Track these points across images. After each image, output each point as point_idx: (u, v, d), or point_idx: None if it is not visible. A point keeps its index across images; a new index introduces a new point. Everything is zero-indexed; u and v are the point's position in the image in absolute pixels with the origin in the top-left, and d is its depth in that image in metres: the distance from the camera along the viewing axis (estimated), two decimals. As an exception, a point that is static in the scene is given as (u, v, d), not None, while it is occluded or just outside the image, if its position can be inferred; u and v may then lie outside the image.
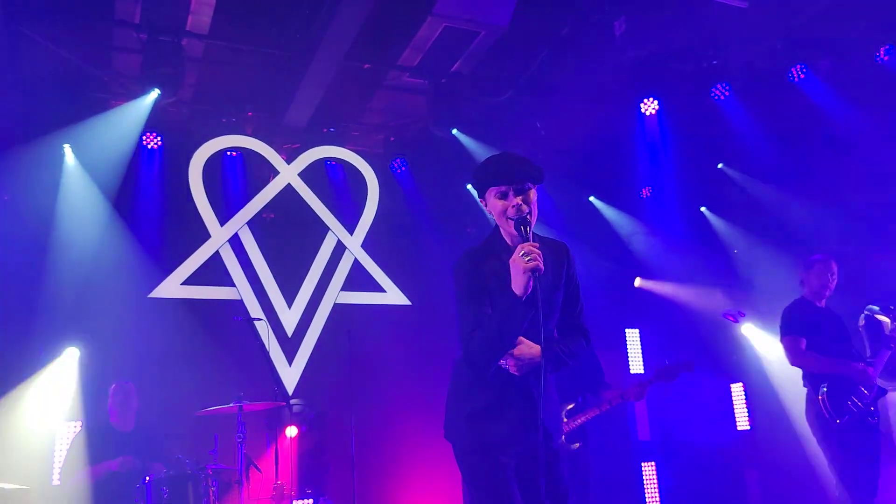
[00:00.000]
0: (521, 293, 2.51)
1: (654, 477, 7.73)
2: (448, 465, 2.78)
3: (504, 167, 2.72)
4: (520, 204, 2.66)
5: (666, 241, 7.83)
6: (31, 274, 6.14)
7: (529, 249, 2.50)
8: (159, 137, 6.69)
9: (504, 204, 2.69)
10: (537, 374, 2.60)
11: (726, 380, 7.63)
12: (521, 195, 2.68)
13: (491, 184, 2.73)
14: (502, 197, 2.70)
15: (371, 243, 7.52)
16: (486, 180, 2.74)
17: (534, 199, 2.72)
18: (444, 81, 6.91)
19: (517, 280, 2.51)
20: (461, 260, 2.75)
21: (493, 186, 2.72)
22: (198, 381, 6.04)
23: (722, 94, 6.63)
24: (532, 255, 2.48)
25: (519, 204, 2.66)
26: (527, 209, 2.66)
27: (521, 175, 2.69)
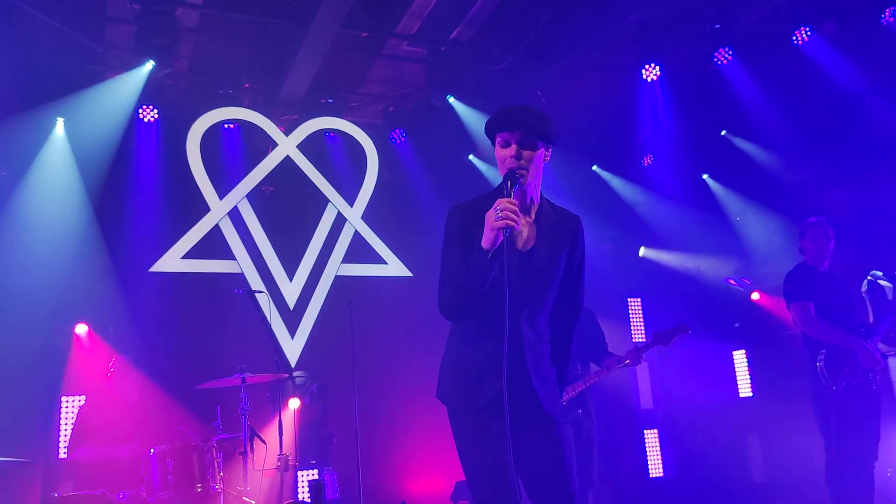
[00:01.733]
0: (486, 246, 2.44)
1: (656, 445, 7.78)
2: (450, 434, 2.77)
3: (514, 115, 2.59)
4: (518, 155, 2.55)
5: (669, 210, 7.78)
6: (31, 250, 6.11)
7: (504, 206, 2.40)
8: (156, 110, 6.61)
9: (504, 153, 2.59)
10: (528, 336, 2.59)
11: (729, 347, 7.64)
12: (524, 149, 2.56)
13: (497, 129, 2.62)
14: (504, 145, 2.60)
15: (371, 215, 7.48)
16: (494, 125, 2.63)
17: (536, 157, 2.58)
18: (443, 49, 6.82)
19: (486, 234, 2.44)
20: (455, 208, 2.69)
21: (497, 133, 2.62)
22: (200, 354, 6.06)
23: (724, 58, 6.53)
24: (505, 213, 2.39)
25: (516, 155, 2.55)
26: (523, 164, 2.55)
27: (526, 124, 2.56)
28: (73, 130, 6.46)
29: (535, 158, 2.58)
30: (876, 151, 6.27)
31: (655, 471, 7.68)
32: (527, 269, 2.58)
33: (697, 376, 7.72)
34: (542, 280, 2.62)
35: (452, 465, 6.79)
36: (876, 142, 6.23)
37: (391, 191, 7.63)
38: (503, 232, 2.40)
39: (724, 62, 6.54)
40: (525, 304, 2.58)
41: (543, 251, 2.62)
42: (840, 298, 4.78)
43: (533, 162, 2.57)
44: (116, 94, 6.25)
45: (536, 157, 2.58)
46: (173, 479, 4.57)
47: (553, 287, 2.68)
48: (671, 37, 6.59)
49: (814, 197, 6.60)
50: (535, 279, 2.60)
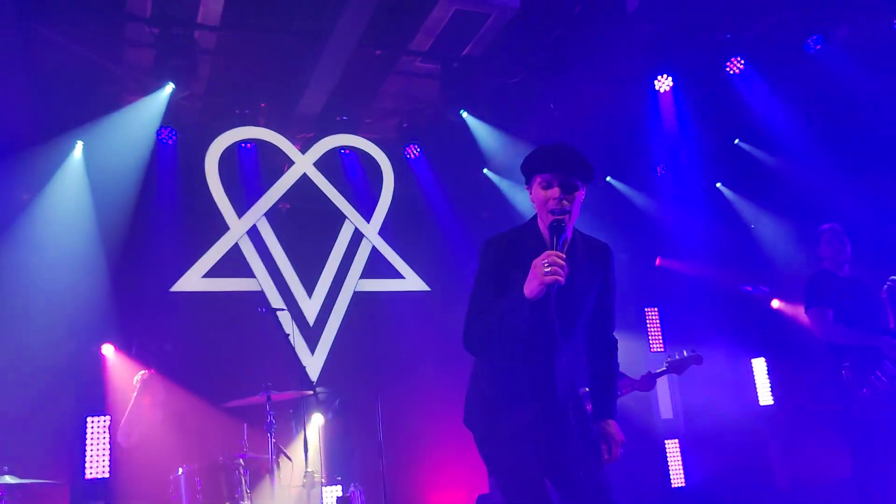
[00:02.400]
0: (530, 297, 2.41)
1: (678, 455, 7.75)
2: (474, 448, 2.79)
3: (555, 156, 2.58)
4: (562, 198, 2.53)
5: (684, 219, 7.79)
6: (54, 272, 6.18)
7: (554, 260, 2.37)
8: (174, 132, 6.69)
9: (546, 195, 2.57)
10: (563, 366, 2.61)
11: (748, 355, 7.62)
12: (567, 192, 2.55)
13: (538, 170, 2.60)
14: (547, 187, 2.57)
15: (388, 230, 7.53)
16: (535, 166, 2.62)
17: (579, 200, 2.58)
18: (455, 65, 6.89)
19: (531, 285, 2.40)
20: (490, 241, 2.68)
21: (539, 174, 2.60)
22: (223, 373, 6.10)
23: (737, 67, 6.57)
24: (554, 269, 2.36)
25: (561, 197, 2.53)
26: (568, 206, 2.53)
27: (570, 167, 2.56)
28: (93, 153, 6.55)
29: (579, 201, 2.59)
30: (890, 157, 6.27)
31: (677, 481, 7.66)
32: (562, 301, 2.55)
33: (717, 385, 7.69)
34: (575, 311, 2.64)
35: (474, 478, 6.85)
36: (890, 147, 6.24)
37: (407, 206, 7.68)
38: (551, 287, 2.38)
39: (736, 71, 6.57)
40: (562, 333, 2.58)
41: (577, 285, 2.61)
42: (861, 303, 4.78)
43: (574, 204, 2.57)
44: (137, 117, 6.33)
45: (579, 200, 2.59)
46: (202, 497, 4.62)
47: (586, 315, 2.71)
48: (683, 47, 6.62)
49: (828, 203, 6.61)
50: (569, 310, 2.61)
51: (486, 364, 2.69)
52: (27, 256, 6.13)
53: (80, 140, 6.49)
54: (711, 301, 7.66)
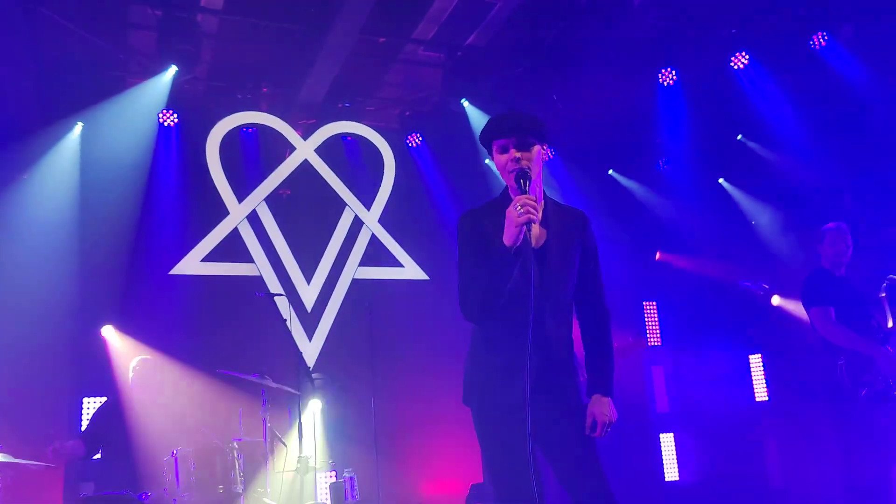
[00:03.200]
0: (510, 243, 2.50)
1: (672, 448, 7.77)
2: (469, 435, 2.81)
3: (504, 120, 2.71)
4: (518, 157, 2.65)
5: (685, 214, 7.79)
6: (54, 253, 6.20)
7: (525, 201, 2.48)
8: (176, 115, 6.68)
9: (505, 158, 2.69)
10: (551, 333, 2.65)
11: (744, 351, 7.63)
12: (522, 150, 2.66)
13: (493, 137, 2.73)
14: (503, 151, 2.70)
15: (388, 218, 7.53)
16: (489, 134, 2.74)
17: (536, 156, 2.69)
18: (459, 54, 6.86)
19: (508, 231, 2.50)
20: (463, 217, 2.78)
21: (495, 140, 2.73)
22: (221, 356, 6.11)
23: (741, 63, 6.54)
24: (526, 209, 2.46)
25: (518, 157, 2.65)
26: (526, 164, 2.64)
27: (519, 127, 2.67)
28: (95, 135, 6.54)
29: (536, 157, 2.69)
30: (893, 155, 6.25)
31: (671, 474, 7.68)
32: (544, 266, 2.64)
33: (713, 380, 7.71)
34: (560, 275, 2.69)
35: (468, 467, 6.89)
36: (893, 145, 6.22)
37: (408, 194, 7.67)
38: (526, 227, 2.47)
39: (740, 66, 6.54)
40: (546, 300, 2.63)
41: (556, 247, 2.69)
42: (857, 304, 4.78)
43: (534, 161, 2.67)
44: (139, 99, 6.32)
45: (536, 156, 2.69)
46: (195, 480, 4.63)
47: (570, 281, 2.73)
48: (688, 41, 6.60)
49: (830, 201, 6.59)
50: (552, 275, 2.66)
51: (479, 341, 2.74)
52: (26, 237, 6.14)
53: (81, 122, 6.47)
54: (710, 296, 7.67)
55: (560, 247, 2.70)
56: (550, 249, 2.67)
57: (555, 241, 2.69)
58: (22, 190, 6.33)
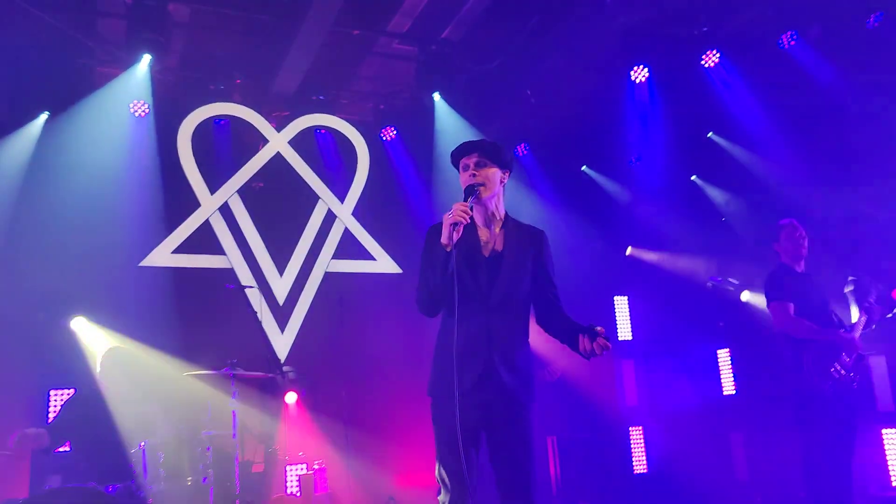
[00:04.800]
0: (444, 242, 2.85)
1: (641, 441, 7.87)
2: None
3: (466, 145, 3.12)
4: (475, 174, 3.02)
5: (656, 210, 7.87)
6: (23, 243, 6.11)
7: (457, 207, 2.85)
8: (147, 105, 6.61)
9: (464, 175, 3.07)
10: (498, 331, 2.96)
11: (713, 346, 7.74)
12: (480, 169, 3.04)
13: (459, 157, 3.12)
14: (465, 169, 3.08)
15: (361, 212, 7.52)
16: (456, 154, 3.14)
17: (492, 177, 3.05)
18: (433, 48, 6.86)
19: (443, 232, 2.86)
20: (431, 228, 3.12)
21: (460, 160, 3.11)
22: (191, 348, 6.07)
23: (712, 61, 6.62)
24: (456, 212, 2.83)
25: (474, 173, 3.02)
26: (479, 179, 3.01)
27: (481, 149, 3.06)
28: (63, 124, 6.45)
29: (491, 176, 3.05)
30: (859, 153, 6.37)
31: (640, 467, 7.78)
32: (495, 271, 3.01)
33: (682, 374, 7.81)
34: (511, 280, 3.03)
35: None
36: (860, 144, 6.33)
37: (381, 188, 7.67)
38: (454, 228, 2.82)
39: (711, 64, 6.62)
40: (495, 302, 2.99)
41: (509, 256, 3.06)
42: (817, 300, 4.86)
43: (489, 178, 3.04)
44: (110, 88, 6.25)
45: (492, 175, 3.06)
46: (164, 472, 4.61)
47: (522, 288, 3.07)
48: (659, 39, 6.66)
49: (799, 198, 6.69)
50: (503, 280, 3.01)
51: (438, 337, 3.07)
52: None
53: (47, 111, 6.37)
54: (681, 291, 7.75)
55: (513, 258, 3.05)
56: (504, 260, 3.04)
57: (509, 252, 3.06)
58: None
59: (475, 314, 2.93)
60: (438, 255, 2.89)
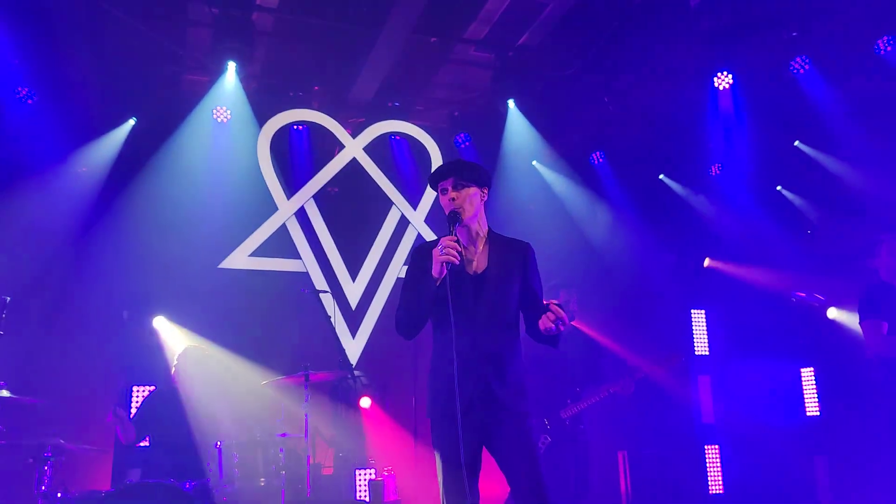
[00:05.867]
0: (436, 276, 2.93)
1: (717, 460, 7.60)
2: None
3: (443, 166, 3.17)
4: (454, 197, 3.05)
5: (738, 221, 7.60)
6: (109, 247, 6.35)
7: (447, 243, 2.88)
8: (229, 111, 6.78)
9: (443, 199, 3.12)
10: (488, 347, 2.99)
11: (796, 364, 7.41)
12: (457, 191, 3.06)
13: (435, 181, 3.16)
14: (443, 193, 3.12)
15: (434, 218, 7.52)
16: (432, 180, 3.19)
17: (472, 197, 3.08)
18: (510, 55, 6.82)
19: (434, 266, 2.92)
20: (415, 249, 3.22)
21: (437, 184, 3.15)
22: (265, 351, 6.18)
23: (801, 67, 6.35)
24: (447, 250, 2.85)
25: (453, 197, 3.06)
26: (458, 202, 3.04)
27: (456, 171, 3.10)
28: (150, 129, 6.69)
29: (470, 196, 3.08)
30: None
31: (715, 487, 7.51)
32: (480, 290, 3.04)
33: (762, 392, 7.51)
34: (497, 297, 3.05)
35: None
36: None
37: (454, 195, 7.64)
38: (446, 265, 2.87)
39: (800, 71, 6.35)
40: (482, 319, 3.01)
41: (495, 273, 3.07)
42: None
43: (468, 199, 3.06)
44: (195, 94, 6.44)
45: (471, 195, 3.08)
46: (238, 472, 4.69)
47: (509, 301, 3.08)
48: (746, 44, 6.43)
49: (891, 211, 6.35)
50: (487, 296, 3.04)
51: (432, 358, 3.11)
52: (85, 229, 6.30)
53: (135, 118, 6.62)
54: (762, 306, 7.46)
55: (499, 274, 3.07)
56: (490, 276, 3.06)
57: (495, 268, 3.07)
58: (78, 182, 6.50)
59: (464, 332, 2.94)
60: (426, 284, 2.95)
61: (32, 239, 6.04)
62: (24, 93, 6.10)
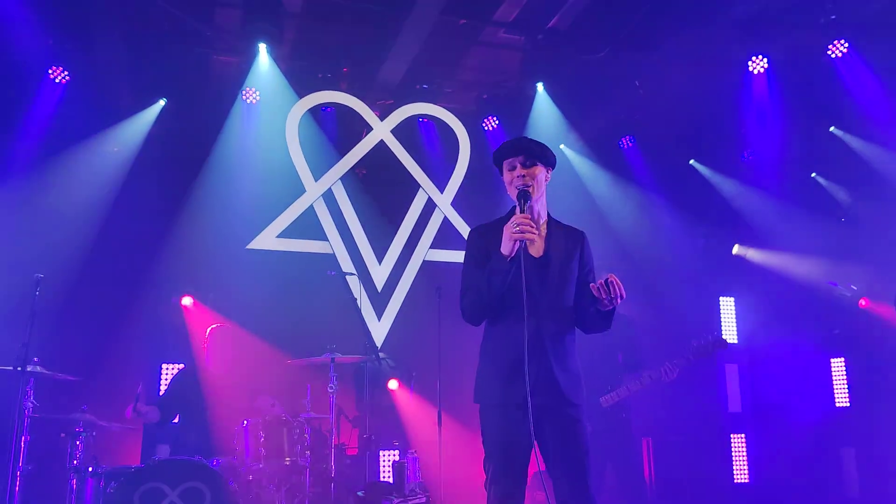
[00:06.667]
0: (506, 254, 2.82)
1: (743, 449, 7.54)
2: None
3: (514, 143, 3.06)
4: (523, 175, 2.96)
5: (769, 207, 7.47)
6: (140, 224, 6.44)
7: (521, 220, 2.79)
8: (258, 92, 6.80)
9: (510, 175, 3.02)
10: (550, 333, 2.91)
11: (826, 354, 7.30)
12: (527, 169, 2.98)
13: (503, 157, 3.05)
14: (511, 169, 3.02)
15: (461, 201, 7.50)
16: (500, 155, 3.07)
17: (539, 177, 2.99)
18: (540, 37, 6.73)
19: (505, 243, 2.83)
20: (474, 229, 3.12)
21: (504, 159, 3.05)
22: (291, 331, 6.24)
23: (839, 51, 6.20)
24: (522, 227, 2.77)
25: (523, 174, 2.96)
26: (529, 182, 2.95)
27: (527, 149, 3.00)
28: (179, 110, 6.74)
29: (538, 176, 3.00)
30: None
31: (741, 476, 7.46)
32: (542, 274, 2.96)
33: (790, 381, 7.43)
34: (558, 282, 2.98)
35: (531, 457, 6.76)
36: None
37: (481, 178, 7.61)
38: (519, 242, 2.79)
39: (838, 55, 6.20)
40: (545, 304, 2.93)
41: (554, 258, 3.00)
42: None
43: (536, 179, 2.99)
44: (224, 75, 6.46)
45: (538, 175, 3.00)
46: (265, 451, 4.76)
47: (569, 288, 3.02)
48: (781, 27, 6.29)
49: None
50: (550, 282, 2.96)
51: (485, 343, 3.03)
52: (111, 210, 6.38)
53: (164, 98, 6.67)
54: (792, 294, 7.36)
55: (559, 260, 3.00)
56: (550, 262, 2.98)
57: (554, 255, 3.00)
58: (110, 162, 6.58)
59: (527, 318, 2.82)
60: (497, 264, 2.84)
61: (65, 218, 6.13)
62: (57, 72, 6.18)
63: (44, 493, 4.96)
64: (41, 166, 6.15)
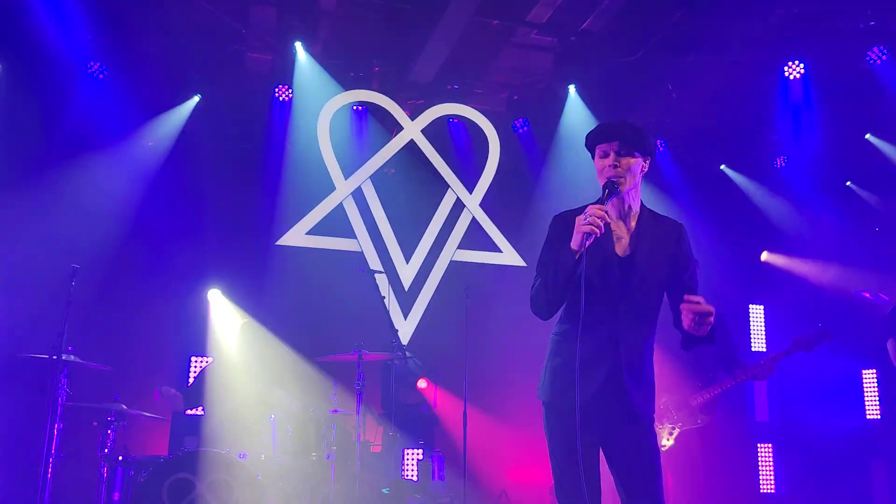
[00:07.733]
0: (574, 248, 2.59)
1: (770, 459, 7.44)
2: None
3: (609, 128, 2.78)
4: (615, 165, 2.70)
5: (802, 214, 7.37)
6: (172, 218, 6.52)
7: (593, 212, 2.55)
8: (290, 90, 6.86)
9: (602, 163, 2.76)
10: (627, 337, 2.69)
11: (858, 365, 7.19)
12: (621, 157, 2.71)
13: (597, 142, 2.80)
14: (604, 156, 2.76)
15: (490, 202, 7.50)
16: (593, 138, 2.82)
17: (633, 166, 2.73)
18: (572, 39, 6.71)
19: (574, 236, 2.60)
20: (557, 215, 2.87)
21: (598, 145, 2.79)
22: (319, 328, 6.28)
23: (878, 58, 6.10)
24: (591, 220, 2.53)
25: (615, 164, 2.70)
26: (621, 171, 2.70)
27: (623, 135, 2.73)
28: (212, 106, 6.82)
29: (633, 167, 2.73)
30: None
31: (767, 486, 7.37)
32: (629, 274, 2.71)
33: (819, 392, 7.31)
34: (643, 284, 2.73)
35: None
36: None
37: (511, 179, 7.61)
38: (587, 237, 2.55)
39: (877, 62, 6.10)
40: (624, 307, 2.70)
41: (643, 257, 2.74)
42: None
43: (630, 170, 2.72)
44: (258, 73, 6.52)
45: (634, 166, 2.74)
46: (291, 445, 4.80)
47: (656, 288, 2.77)
48: (820, 33, 6.21)
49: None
50: (635, 283, 2.71)
51: (554, 339, 2.84)
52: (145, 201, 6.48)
53: (199, 95, 6.75)
54: (824, 304, 7.25)
55: (649, 257, 2.75)
56: (638, 259, 2.73)
57: (645, 250, 2.75)
58: (145, 156, 6.67)
59: (603, 318, 2.66)
60: (564, 257, 2.63)
61: (100, 211, 6.23)
62: (95, 67, 6.28)
63: (75, 481, 5.05)
64: (77, 159, 6.26)
